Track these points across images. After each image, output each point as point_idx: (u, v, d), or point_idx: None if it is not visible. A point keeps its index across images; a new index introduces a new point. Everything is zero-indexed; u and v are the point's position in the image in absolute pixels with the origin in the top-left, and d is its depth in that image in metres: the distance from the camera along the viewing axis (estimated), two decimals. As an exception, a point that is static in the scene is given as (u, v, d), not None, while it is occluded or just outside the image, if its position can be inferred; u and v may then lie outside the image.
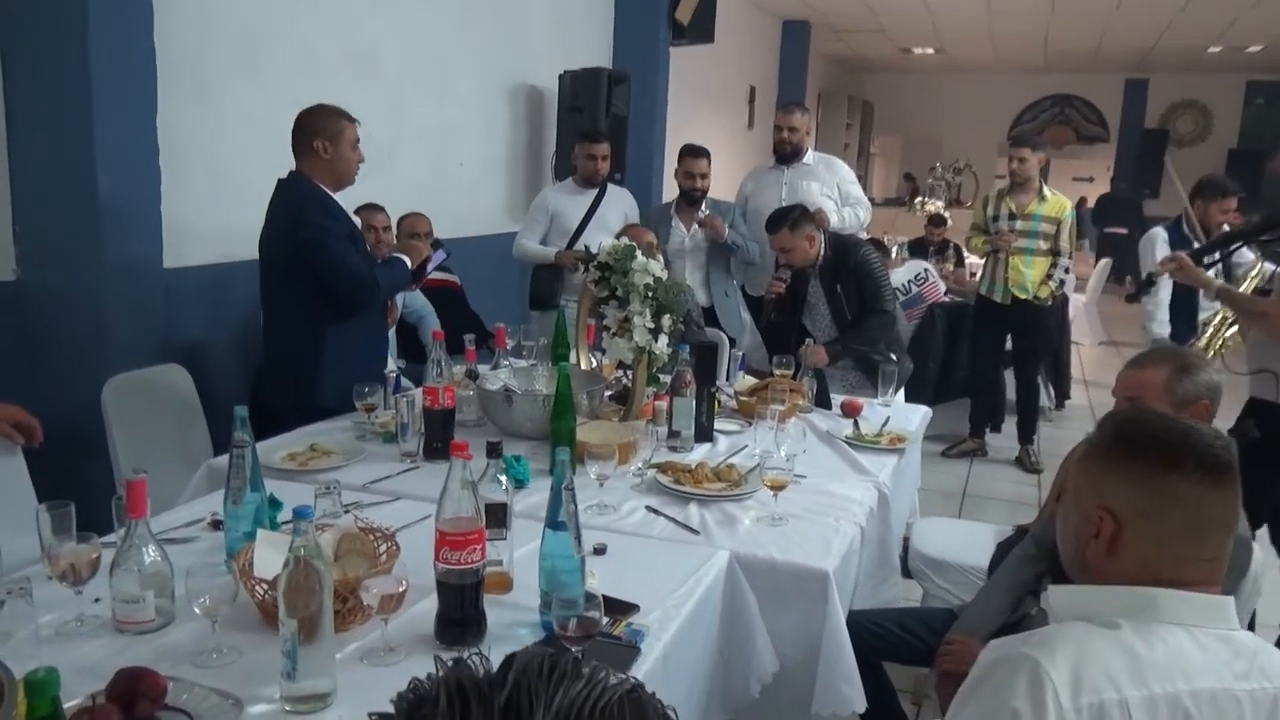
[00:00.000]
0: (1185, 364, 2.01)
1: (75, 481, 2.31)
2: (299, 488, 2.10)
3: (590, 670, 0.53)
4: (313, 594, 1.30)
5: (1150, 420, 1.25)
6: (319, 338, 2.89)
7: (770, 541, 2.02)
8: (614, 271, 2.68)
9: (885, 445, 2.76)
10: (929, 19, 9.59)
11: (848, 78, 13.41)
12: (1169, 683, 1.05)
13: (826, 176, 4.68)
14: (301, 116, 2.91)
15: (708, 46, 6.97)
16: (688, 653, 1.72)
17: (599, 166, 4.46)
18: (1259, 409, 2.92)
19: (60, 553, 1.53)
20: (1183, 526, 1.14)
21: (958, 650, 1.95)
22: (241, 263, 3.55)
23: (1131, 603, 1.12)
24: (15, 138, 2.99)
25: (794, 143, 4.65)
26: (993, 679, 1.10)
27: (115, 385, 2.90)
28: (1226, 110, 12.97)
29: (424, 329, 4.03)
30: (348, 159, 2.91)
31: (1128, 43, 10.56)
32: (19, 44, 2.94)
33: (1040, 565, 2.13)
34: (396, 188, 4.21)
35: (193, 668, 1.41)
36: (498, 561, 1.68)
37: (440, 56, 4.81)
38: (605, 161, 4.48)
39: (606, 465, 2.12)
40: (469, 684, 0.52)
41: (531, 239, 4.50)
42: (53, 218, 3.01)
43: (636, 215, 4.69)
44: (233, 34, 3.58)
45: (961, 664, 1.94)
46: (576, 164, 4.55)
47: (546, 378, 2.92)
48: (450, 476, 1.52)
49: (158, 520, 1.80)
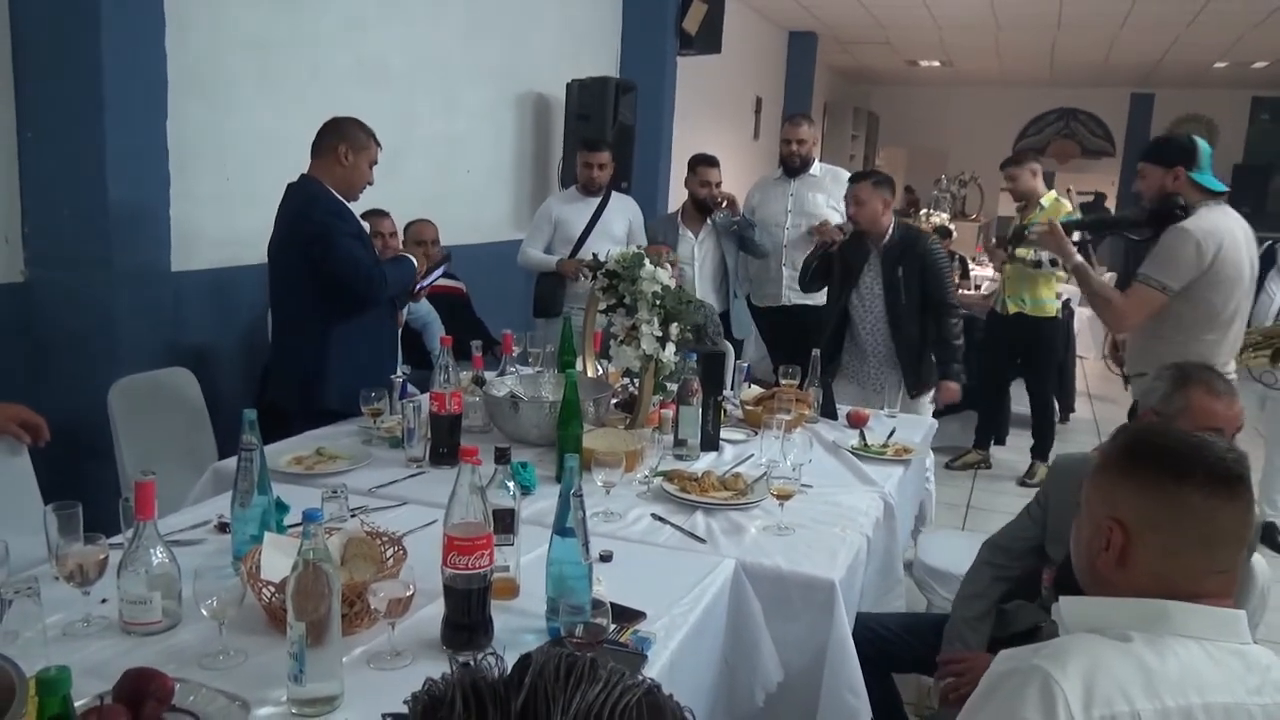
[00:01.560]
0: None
1: (81, 483, 2.32)
2: (305, 491, 2.10)
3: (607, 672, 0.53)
4: (321, 597, 1.30)
5: (1162, 433, 1.25)
6: (326, 339, 2.91)
7: (776, 550, 2.02)
8: (622, 279, 2.69)
9: (891, 456, 2.76)
10: (936, 32, 9.61)
11: (853, 89, 13.43)
12: (1181, 696, 1.04)
13: (833, 188, 4.69)
14: (334, 120, 2.97)
15: (714, 57, 6.99)
16: (693, 661, 1.71)
17: (595, 175, 4.47)
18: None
19: (68, 553, 1.54)
20: (1194, 539, 1.13)
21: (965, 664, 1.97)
22: (248, 267, 3.56)
23: (1143, 615, 1.12)
24: (26, 141, 3.00)
25: (802, 155, 4.67)
26: (1003, 689, 1.09)
27: (122, 387, 2.90)
28: (1232, 126, 12.96)
29: (429, 335, 4.03)
30: (362, 173, 2.98)
31: (1134, 57, 10.57)
32: (32, 49, 2.95)
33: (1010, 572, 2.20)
34: (404, 195, 4.22)
35: (199, 669, 1.41)
36: (505, 567, 1.68)
37: (448, 65, 4.82)
38: (604, 170, 4.49)
39: (613, 473, 2.12)
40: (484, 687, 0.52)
41: (535, 247, 4.52)
42: (62, 221, 3.02)
43: (641, 223, 4.69)
44: (243, 42, 3.59)
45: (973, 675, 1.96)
46: (578, 172, 4.59)
47: (553, 385, 2.92)
48: (459, 481, 1.52)
49: (164, 522, 1.80)
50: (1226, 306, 2.90)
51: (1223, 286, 2.86)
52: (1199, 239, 2.81)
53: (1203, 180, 2.93)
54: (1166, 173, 2.93)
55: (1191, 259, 2.81)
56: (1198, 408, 1.96)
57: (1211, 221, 2.86)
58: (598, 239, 4.34)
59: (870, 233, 3.62)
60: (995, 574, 2.19)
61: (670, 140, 6.75)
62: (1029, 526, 2.22)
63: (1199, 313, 2.88)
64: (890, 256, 3.61)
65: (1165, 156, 2.97)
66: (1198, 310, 2.88)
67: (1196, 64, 10.80)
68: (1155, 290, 2.86)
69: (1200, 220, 2.85)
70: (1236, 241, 2.88)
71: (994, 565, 2.20)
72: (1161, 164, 2.95)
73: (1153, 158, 3.01)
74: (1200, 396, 1.98)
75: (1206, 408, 1.96)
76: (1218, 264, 2.82)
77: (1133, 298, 2.93)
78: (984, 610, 2.14)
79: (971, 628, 2.11)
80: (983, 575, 2.19)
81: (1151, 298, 2.87)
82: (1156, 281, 2.86)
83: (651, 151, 6.42)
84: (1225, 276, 2.85)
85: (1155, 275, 2.87)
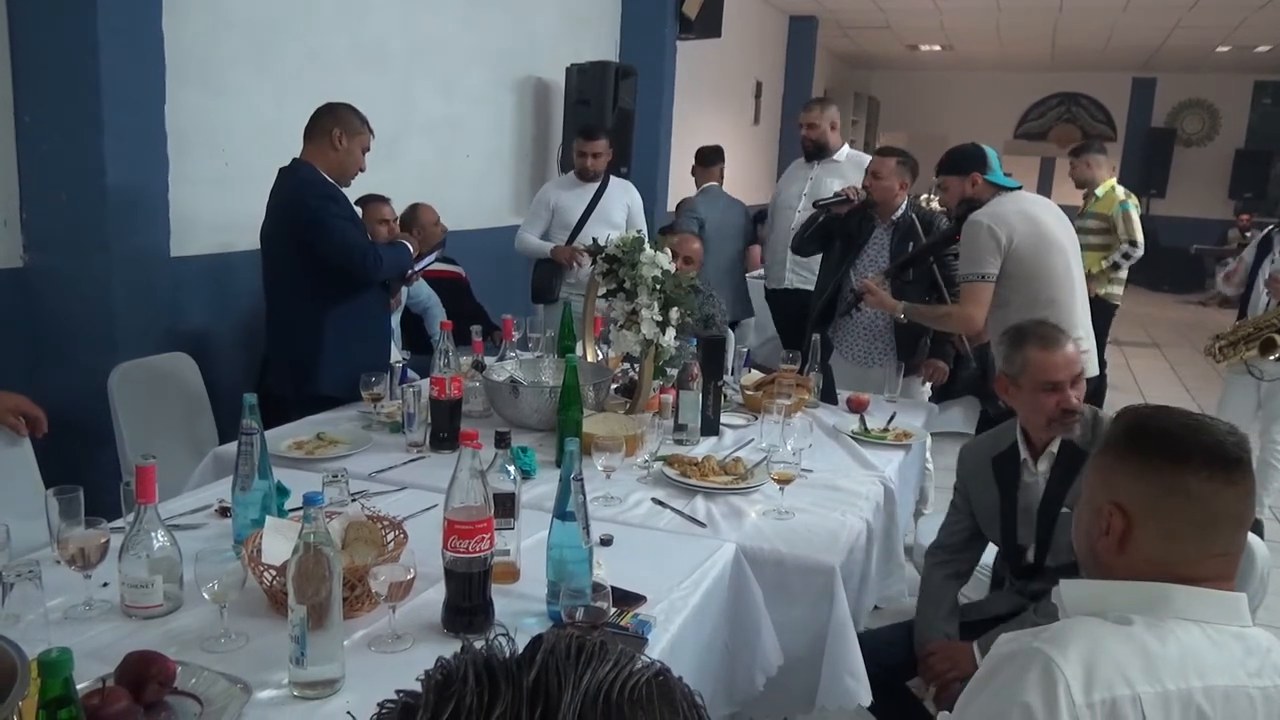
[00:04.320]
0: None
1: (81, 468, 2.31)
2: (306, 476, 2.10)
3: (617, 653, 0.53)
4: (322, 581, 1.30)
5: (1161, 416, 1.24)
6: (319, 325, 2.91)
7: (776, 535, 2.02)
8: (622, 264, 2.68)
9: (891, 441, 2.76)
10: (937, 16, 9.56)
11: (854, 74, 13.38)
12: (1182, 679, 1.04)
13: (852, 174, 4.63)
14: (328, 105, 2.96)
15: (715, 41, 6.96)
16: (694, 645, 1.72)
17: (590, 164, 4.45)
18: None
19: (69, 537, 1.54)
20: (1193, 522, 1.13)
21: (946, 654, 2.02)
22: (247, 252, 3.54)
23: (1144, 598, 1.12)
24: (24, 126, 2.99)
25: (813, 139, 4.53)
26: (1003, 673, 1.09)
27: (122, 372, 2.90)
28: (1234, 110, 12.93)
29: (429, 320, 4.03)
30: (356, 158, 2.97)
31: (1135, 41, 10.53)
32: (29, 32, 2.93)
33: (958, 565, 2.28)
34: (403, 180, 4.21)
35: (201, 652, 1.42)
36: (505, 551, 1.68)
37: (447, 49, 4.80)
38: (599, 159, 4.46)
39: (613, 457, 2.12)
40: (497, 664, 0.52)
41: (532, 232, 4.50)
42: (61, 206, 3.01)
43: (640, 208, 4.67)
44: (240, 25, 3.57)
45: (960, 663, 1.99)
46: (574, 160, 4.57)
47: (553, 370, 2.92)
48: (459, 465, 1.52)
49: (165, 507, 1.80)
50: (1051, 271, 3.00)
51: (1034, 257, 2.98)
52: (988, 223, 2.97)
53: (996, 180, 3.11)
54: (964, 180, 3.13)
55: (989, 241, 2.96)
56: (1035, 363, 2.05)
57: (997, 205, 3.03)
58: (595, 225, 4.32)
59: (881, 207, 3.60)
60: (945, 574, 2.25)
61: (670, 125, 6.73)
62: (959, 519, 2.29)
63: (1028, 287, 2.98)
64: (902, 232, 3.59)
65: (960, 166, 3.14)
66: (1025, 285, 2.98)
67: (1199, 48, 10.76)
68: (978, 283, 3.01)
69: (986, 208, 3.03)
70: (1030, 215, 3.03)
71: (941, 565, 2.26)
72: (958, 173, 3.14)
73: (949, 169, 3.18)
74: (1035, 353, 2.06)
75: (1041, 362, 2.04)
76: (1018, 238, 2.96)
77: (965, 299, 3.09)
78: (948, 610, 2.19)
79: (941, 624, 2.16)
80: (934, 580, 2.26)
81: (979, 291, 3.01)
82: (975, 275, 3.01)
83: (651, 136, 6.40)
84: (1030, 247, 2.97)
85: (971, 270, 3.03)
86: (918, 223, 3.56)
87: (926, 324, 3.37)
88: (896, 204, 3.58)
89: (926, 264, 3.48)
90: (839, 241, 3.73)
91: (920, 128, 13.78)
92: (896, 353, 3.57)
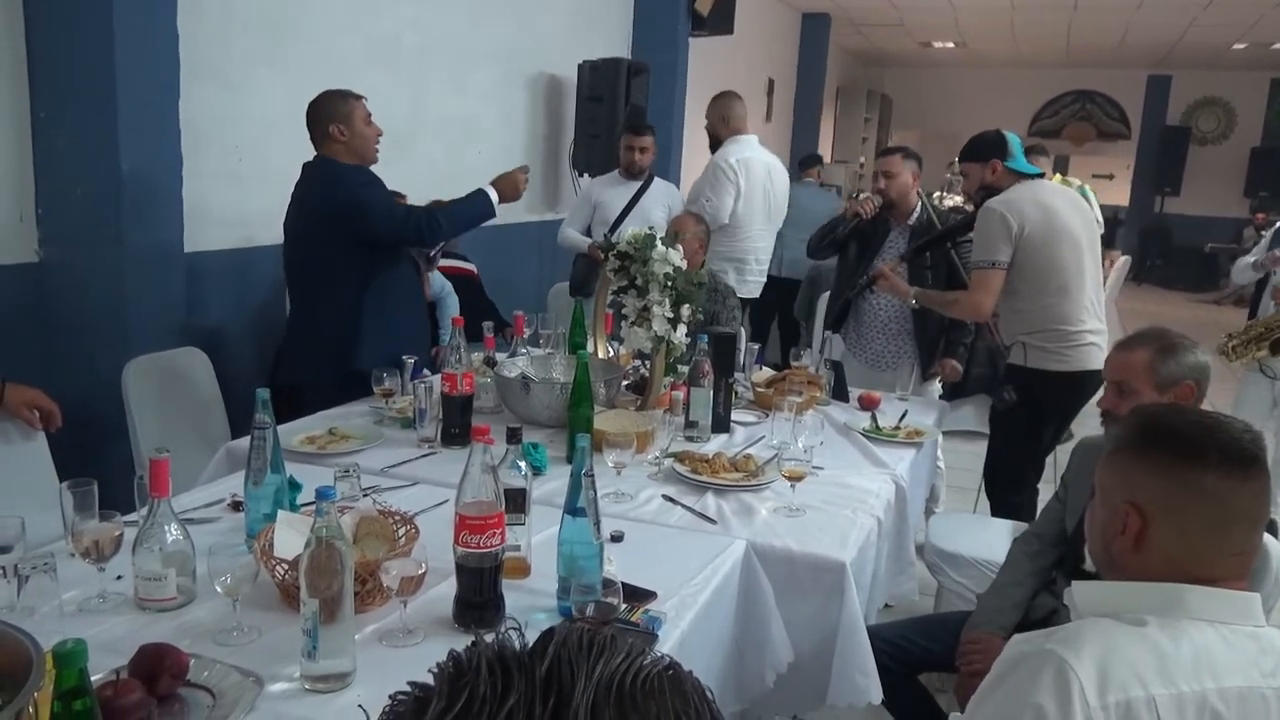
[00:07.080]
0: (1169, 345, 2.01)
1: (95, 461, 2.33)
2: (318, 471, 2.11)
3: (628, 646, 0.53)
4: (334, 574, 1.31)
5: (1175, 415, 1.24)
6: (359, 304, 2.92)
7: (787, 532, 2.02)
8: (633, 260, 2.68)
9: (903, 439, 2.75)
10: (950, 13, 9.52)
11: (866, 71, 13.33)
12: (1196, 681, 1.04)
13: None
14: (310, 107, 2.96)
15: (727, 38, 6.94)
16: (704, 641, 1.72)
17: (637, 159, 4.50)
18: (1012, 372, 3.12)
19: (84, 530, 1.55)
20: (1209, 521, 1.12)
21: (983, 649, 1.95)
22: (261, 247, 3.56)
23: (1159, 599, 1.11)
24: (40, 121, 3.01)
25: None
26: (1017, 674, 1.09)
27: (136, 367, 2.92)
28: (1250, 108, 12.82)
29: (441, 308, 4.02)
30: (364, 135, 2.95)
31: (1150, 38, 10.46)
32: (45, 29, 2.95)
33: (1045, 559, 2.15)
34: (415, 176, 4.21)
35: (214, 645, 1.43)
36: (516, 546, 1.68)
37: (459, 45, 4.80)
38: (645, 154, 4.52)
39: (624, 454, 2.12)
40: (509, 655, 0.52)
41: (573, 227, 4.58)
42: (75, 201, 3.03)
43: (679, 209, 4.67)
44: (254, 21, 3.58)
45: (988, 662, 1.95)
46: (620, 155, 4.61)
47: (564, 366, 2.92)
48: (471, 460, 1.52)
49: (177, 501, 1.81)
50: (1061, 262, 3.00)
51: (1044, 246, 2.98)
52: (1002, 211, 2.97)
53: (1017, 167, 3.10)
54: (984, 166, 3.12)
55: (1001, 229, 2.96)
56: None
57: (1015, 193, 3.03)
58: (634, 222, 4.32)
59: (897, 207, 3.58)
60: (1031, 564, 2.13)
61: (682, 122, 6.71)
62: (1056, 509, 2.20)
63: (1037, 276, 3.00)
64: (918, 235, 3.57)
65: (981, 153, 3.14)
66: (1034, 274, 3.00)
67: (1215, 45, 10.68)
68: (989, 270, 3.01)
69: (1002, 196, 3.03)
70: (1044, 204, 3.01)
71: (1028, 553, 2.16)
72: (978, 160, 3.14)
73: (969, 157, 3.19)
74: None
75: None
76: (1030, 227, 2.96)
77: (975, 285, 3.10)
78: (1020, 599, 2.08)
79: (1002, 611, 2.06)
80: (1019, 563, 2.15)
81: (990, 278, 3.02)
82: (986, 261, 3.02)
83: (663, 133, 6.37)
84: (1041, 236, 2.97)
85: (982, 257, 3.04)
86: (935, 221, 3.56)
87: (935, 309, 3.37)
88: (912, 203, 3.57)
89: (944, 250, 3.47)
90: (854, 244, 3.72)
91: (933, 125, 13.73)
92: (917, 357, 3.57)
